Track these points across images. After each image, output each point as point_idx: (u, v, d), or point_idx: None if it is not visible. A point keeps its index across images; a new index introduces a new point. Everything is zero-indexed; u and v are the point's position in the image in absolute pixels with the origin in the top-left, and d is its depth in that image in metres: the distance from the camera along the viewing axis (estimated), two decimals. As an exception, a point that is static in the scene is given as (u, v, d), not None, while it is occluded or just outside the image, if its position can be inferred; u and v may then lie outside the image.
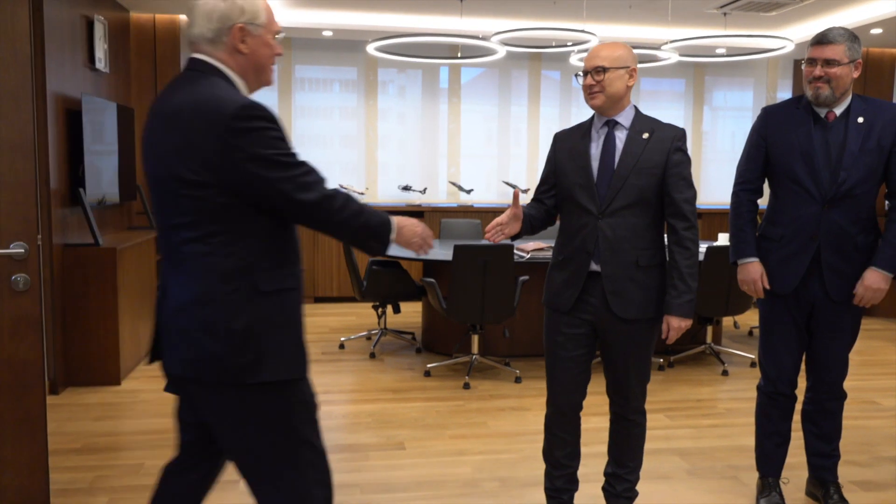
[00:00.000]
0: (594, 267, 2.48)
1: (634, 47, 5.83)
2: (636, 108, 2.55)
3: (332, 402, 4.25)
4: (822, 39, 2.68)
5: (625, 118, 2.51)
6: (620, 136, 2.50)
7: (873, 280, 2.68)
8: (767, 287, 2.82)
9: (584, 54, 5.74)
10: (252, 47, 1.75)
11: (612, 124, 2.51)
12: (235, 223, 1.67)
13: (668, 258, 2.50)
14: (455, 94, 7.64)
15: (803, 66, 2.77)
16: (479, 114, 7.74)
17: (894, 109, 2.72)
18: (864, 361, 5.34)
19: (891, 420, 4.07)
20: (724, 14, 5.97)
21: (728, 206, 2.97)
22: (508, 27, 5.44)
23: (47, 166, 4.17)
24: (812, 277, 2.74)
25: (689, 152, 2.57)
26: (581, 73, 2.50)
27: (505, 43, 5.66)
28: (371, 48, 5.66)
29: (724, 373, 4.90)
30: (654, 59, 6.08)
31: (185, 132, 1.63)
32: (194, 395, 1.78)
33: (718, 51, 6.91)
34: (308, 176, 1.69)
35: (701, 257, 4.87)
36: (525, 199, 6.91)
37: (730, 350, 5.35)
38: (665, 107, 8.01)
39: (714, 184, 8.14)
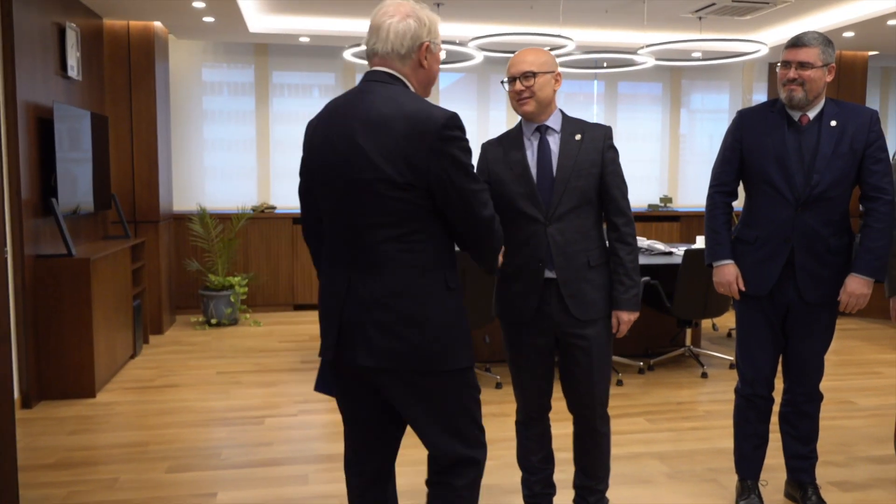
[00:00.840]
0: (549, 274, 2.48)
1: (612, 51, 5.89)
2: (562, 111, 2.56)
3: (311, 411, 4.21)
4: (796, 42, 2.70)
5: (554, 122, 2.52)
6: (554, 141, 2.51)
7: (855, 286, 2.70)
8: (743, 289, 2.84)
9: (563, 58, 5.77)
10: (430, 63, 1.94)
11: (543, 129, 2.51)
12: (431, 224, 1.87)
13: (612, 255, 2.52)
14: (434, 100, 7.63)
15: (778, 69, 2.79)
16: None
17: (866, 113, 2.74)
18: (841, 361, 5.39)
19: (868, 420, 4.11)
20: (700, 18, 6.01)
21: (705, 209, 2.99)
22: (485, 32, 5.44)
23: (18, 176, 4.10)
24: (787, 279, 2.76)
25: (665, 155, 2.59)
26: (507, 80, 2.50)
27: (482, 48, 5.66)
28: (347, 54, 5.63)
29: (704, 375, 4.92)
30: (631, 63, 6.11)
31: (396, 138, 1.79)
32: (386, 386, 1.92)
33: (694, 54, 6.96)
34: (485, 194, 1.91)
35: (678, 260, 4.88)
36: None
37: (709, 352, 5.38)
38: (643, 110, 8.06)
39: (691, 186, 8.19)
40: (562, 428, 2.73)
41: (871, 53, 7.17)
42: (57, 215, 4.34)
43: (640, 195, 8.05)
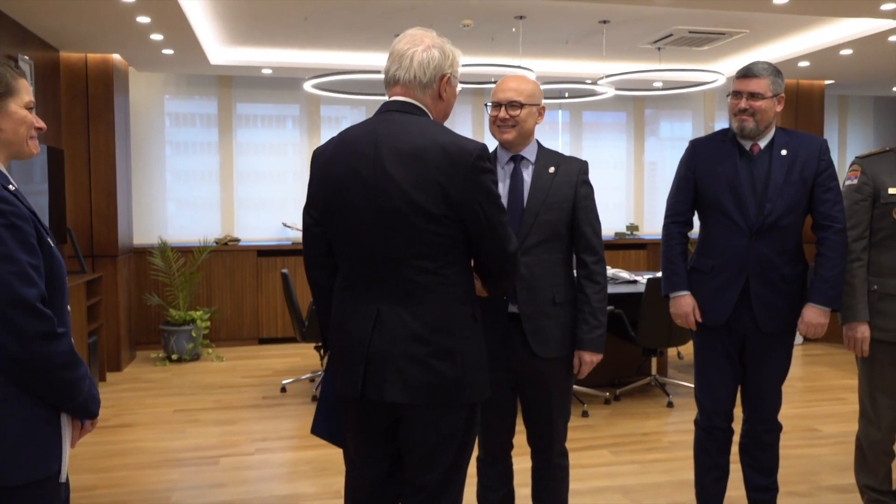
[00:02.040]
0: (512, 308, 2.43)
1: (573, 82, 5.93)
2: (539, 142, 2.53)
3: (269, 449, 4.09)
4: (746, 73, 2.72)
5: (530, 153, 2.49)
6: (527, 172, 2.47)
7: (812, 316, 2.69)
8: (699, 320, 2.81)
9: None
10: (448, 95, 1.94)
11: (517, 159, 2.48)
12: (464, 255, 1.88)
13: (579, 292, 2.47)
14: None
15: (728, 99, 2.80)
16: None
17: (816, 142, 2.76)
18: (805, 388, 5.39)
19: (832, 448, 4.09)
20: (659, 49, 6.09)
21: (661, 239, 2.97)
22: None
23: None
24: (743, 309, 2.74)
25: (630, 182, 2.58)
26: (491, 104, 2.46)
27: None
28: (307, 86, 5.61)
29: (670, 404, 4.89)
30: (592, 93, 6.16)
31: (430, 170, 1.78)
32: (411, 422, 1.87)
33: (655, 84, 7.05)
34: (509, 227, 1.91)
35: (643, 288, 4.87)
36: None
37: (675, 381, 5.36)
38: (607, 138, 8.12)
39: (658, 214, 8.24)
40: (523, 462, 2.67)
41: (827, 82, 7.32)
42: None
43: (607, 223, 7.98)
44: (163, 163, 7.09)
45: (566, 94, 6.68)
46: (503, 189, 2.46)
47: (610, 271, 5.62)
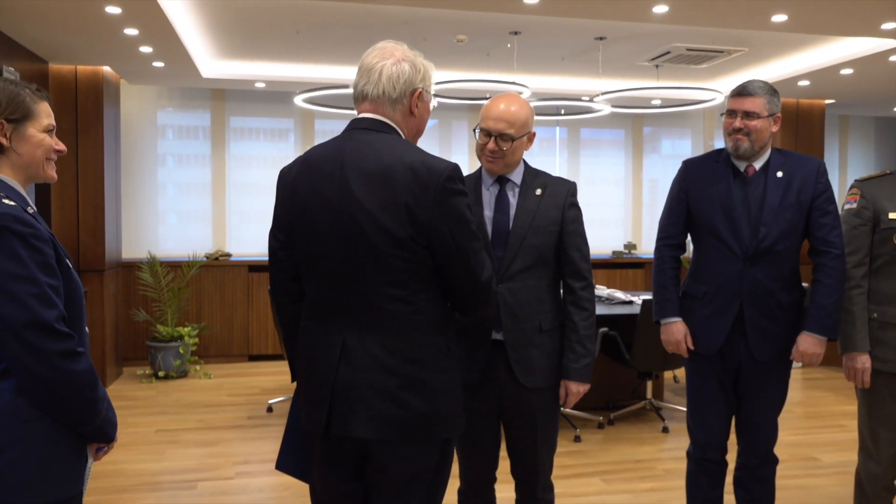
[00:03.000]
0: (496, 335, 2.31)
1: (569, 99, 5.84)
2: (525, 162, 2.42)
3: (249, 473, 3.96)
4: (741, 91, 2.63)
5: (516, 175, 2.38)
6: (513, 194, 2.36)
7: (807, 345, 2.58)
8: (692, 347, 2.70)
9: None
10: (420, 111, 1.83)
11: (503, 181, 2.37)
12: (434, 281, 1.75)
13: (566, 320, 2.36)
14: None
15: (722, 118, 2.70)
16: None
17: (813, 164, 2.65)
18: (805, 414, 5.26)
19: (832, 478, 3.96)
20: (657, 67, 6.01)
21: (653, 263, 2.86)
22: (442, 78, 5.37)
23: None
24: (737, 337, 2.63)
25: (629, 200, 2.48)
26: (480, 129, 2.33)
27: (437, 94, 5.59)
28: (298, 100, 5.52)
29: (665, 430, 4.76)
30: (589, 110, 6.08)
31: (397, 191, 1.67)
32: (378, 458, 1.76)
33: (654, 102, 6.97)
34: (483, 253, 1.79)
35: (638, 310, 4.76)
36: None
37: (671, 405, 5.22)
38: (605, 155, 8.04)
39: (653, 233, 8.14)
40: (505, 490, 2.54)
41: (827, 102, 7.23)
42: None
43: (605, 242, 7.97)
44: (154, 176, 7.01)
45: (562, 111, 6.59)
46: (488, 212, 2.35)
47: (605, 291, 5.51)
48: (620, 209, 8.07)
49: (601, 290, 5.58)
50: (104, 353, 5.84)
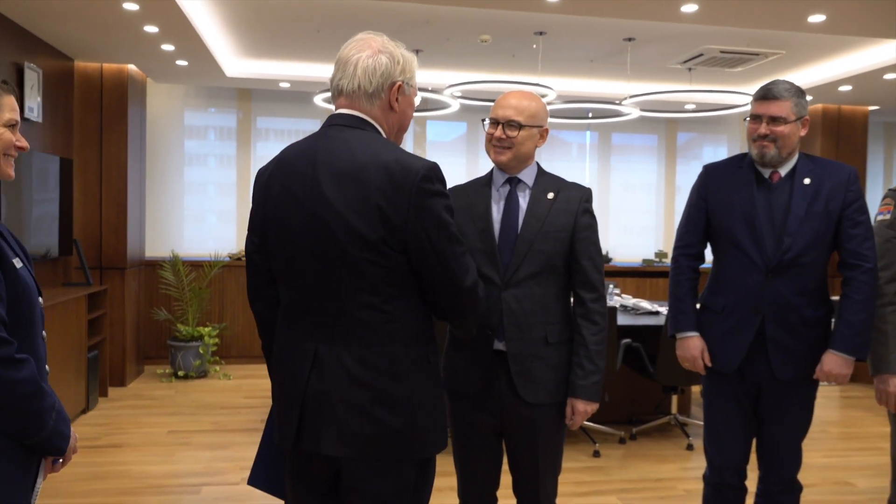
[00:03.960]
0: (498, 346, 2.18)
1: (598, 102, 5.67)
2: (539, 164, 2.29)
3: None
4: (766, 94, 2.46)
5: (528, 176, 2.24)
6: (523, 196, 2.23)
7: (832, 365, 2.40)
8: (709, 364, 2.53)
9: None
10: (402, 106, 1.72)
11: (514, 182, 2.24)
12: (410, 288, 1.64)
13: (575, 333, 2.21)
14: (420, 147, 7.44)
15: (746, 122, 2.54)
16: (448, 166, 7.52)
17: (844, 171, 2.47)
18: (840, 434, 5.00)
19: (865, 505, 3.73)
20: (689, 70, 5.81)
21: (669, 273, 2.70)
22: (463, 80, 5.26)
23: (-45, 220, 3.89)
24: (757, 354, 2.46)
25: (661, 207, 2.32)
26: (489, 120, 2.24)
27: (463, 95, 5.47)
28: (318, 99, 5.46)
29: (690, 447, 4.56)
30: (618, 113, 5.90)
31: (369, 192, 1.56)
32: (351, 477, 1.65)
33: (688, 106, 6.75)
34: (467, 257, 1.68)
35: (662, 321, 4.57)
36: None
37: (697, 421, 5.01)
38: (637, 161, 7.83)
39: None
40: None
41: (871, 108, 6.93)
42: (-2, 262, 4.10)
43: (635, 249, 7.77)
44: (180, 175, 7.01)
45: (590, 115, 6.42)
46: (496, 213, 2.23)
47: (630, 301, 5.33)
48: (652, 216, 7.85)
49: (626, 300, 5.39)
50: (124, 350, 5.84)
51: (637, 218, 7.84)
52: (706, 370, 2.56)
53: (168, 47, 5.11)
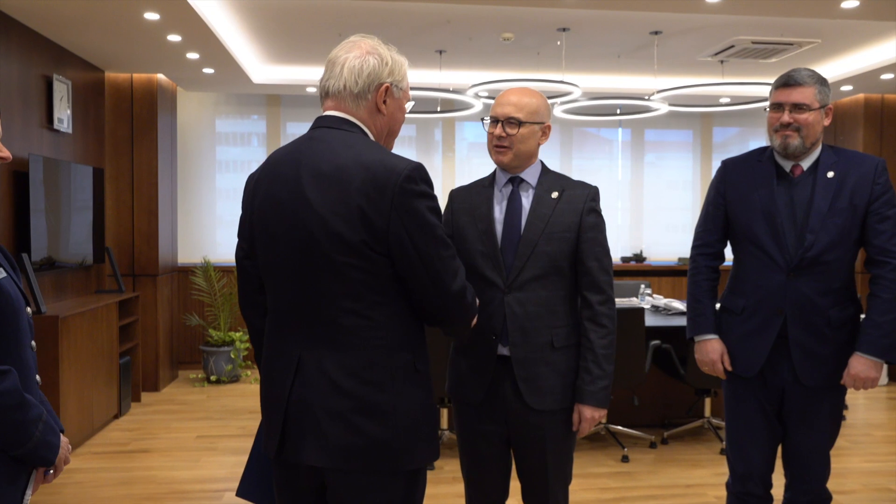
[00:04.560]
0: (502, 350, 2.12)
1: (627, 98, 5.54)
2: (543, 163, 2.22)
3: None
4: (788, 81, 2.35)
5: (531, 175, 2.18)
6: (527, 196, 2.17)
7: (860, 369, 2.27)
8: (729, 368, 2.43)
9: (568, 105, 5.47)
10: (391, 109, 1.68)
11: (517, 182, 2.18)
12: (395, 293, 1.59)
13: (582, 337, 2.13)
14: (450, 148, 7.39)
15: (767, 112, 2.42)
16: (478, 166, 7.46)
17: (871, 162, 2.34)
18: (886, 438, 4.78)
19: (908, 513, 3.55)
20: (721, 62, 5.64)
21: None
22: (486, 79, 5.19)
23: (-15, 231, 3.98)
24: (780, 357, 2.35)
25: (697, 204, 2.24)
26: (488, 119, 2.18)
27: (490, 96, 5.41)
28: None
29: (723, 452, 4.41)
30: (646, 109, 5.76)
31: (350, 193, 1.53)
32: (334, 488, 1.60)
33: (722, 100, 6.56)
34: (455, 260, 1.63)
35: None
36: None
37: (732, 424, 4.84)
38: (672, 157, 7.65)
39: (726, 239, 7.69)
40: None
41: (918, 97, 6.63)
42: (27, 271, 4.19)
43: (671, 248, 7.59)
44: (213, 182, 7.10)
45: (618, 111, 6.28)
46: (498, 214, 2.17)
47: (661, 301, 5.19)
48: (688, 214, 7.65)
49: (658, 300, 5.26)
50: (157, 356, 5.92)
51: (672, 216, 7.66)
52: (727, 374, 2.45)
53: (193, 55, 5.16)
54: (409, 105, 1.75)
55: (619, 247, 7.56)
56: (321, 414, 1.56)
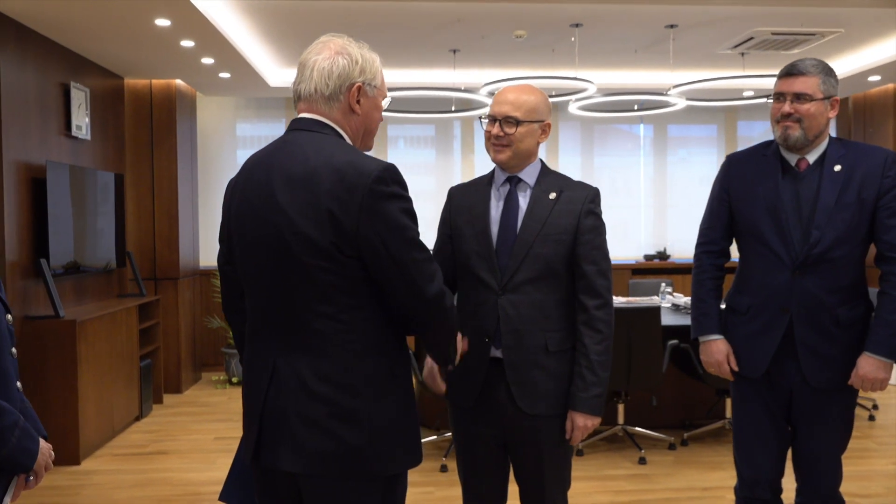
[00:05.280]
0: (495, 353, 2.08)
1: (644, 93, 5.45)
2: (542, 162, 2.17)
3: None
4: (790, 70, 2.28)
5: (529, 175, 2.13)
6: (524, 196, 2.12)
7: (868, 369, 2.19)
8: (735, 368, 2.36)
9: (584, 101, 5.39)
10: (365, 109, 1.65)
11: (514, 181, 2.13)
12: (370, 297, 1.56)
13: (577, 342, 2.08)
14: (469, 148, 7.35)
15: (770, 102, 2.36)
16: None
17: (880, 155, 2.25)
18: (916, 439, 4.63)
19: (935, 518, 3.42)
20: (742, 55, 5.52)
21: (692, 272, 2.53)
22: (501, 77, 5.15)
23: (3, 236, 4.05)
24: (786, 358, 2.27)
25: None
26: (485, 118, 2.14)
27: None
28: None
29: (744, 453, 4.30)
30: (665, 104, 5.66)
31: (320, 196, 1.50)
32: (311, 493, 1.58)
33: (746, 93, 6.41)
34: (431, 264, 1.59)
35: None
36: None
37: (755, 425, 4.73)
38: (696, 153, 7.51)
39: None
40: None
41: (951, 86, 6.41)
42: (46, 276, 4.26)
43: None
44: (233, 185, 7.15)
45: (636, 107, 6.18)
46: (495, 214, 2.13)
47: (682, 300, 5.09)
48: (713, 210, 7.50)
49: (678, 299, 5.16)
50: (179, 358, 5.98)
51: (697, 212, 7.39)
52: (733, 375, 2.38)
53: (208, 60, 5.20)
54: (385, 102, 1.72)
55: (643, 244, 7.46)
56: (295, 420, 1.54)
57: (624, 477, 3.96)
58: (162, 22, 4.24)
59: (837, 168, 2.24)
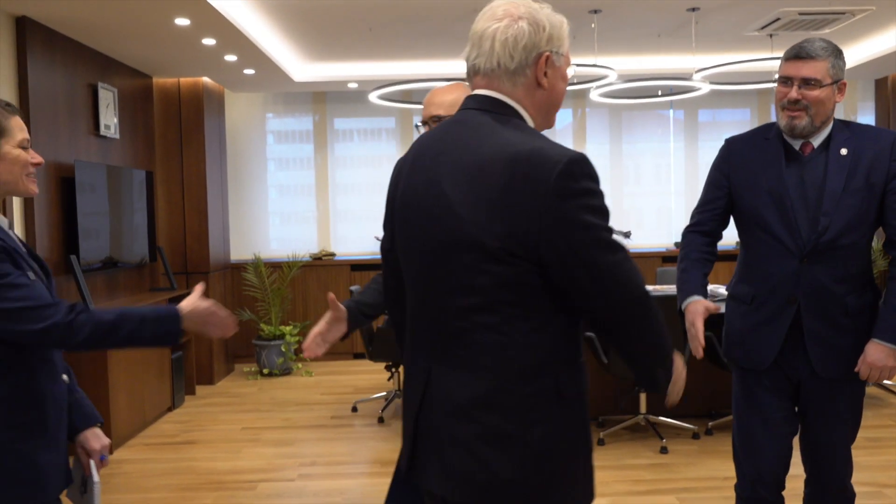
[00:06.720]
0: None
1: (668, 78, 5.36)
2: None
3: (312, 476, 3.95)
4: (798, 53, 2.20)
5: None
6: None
7: (876, 356, 2.13)
8: (702, 329, 2.24)
9: (605, 88, 5.33)
10: (552, 81, 1.42)
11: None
12: (541, 308, 1.35)
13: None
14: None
15: (775, 84, 2.30)
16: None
17: (887, 138, 2.19)
18: (952, 429, 4.49)
19: (965, 510, 3.31)
20: (770, 36, 5.38)
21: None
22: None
23: (34, 234, 4.19)
24: (794, 349, 2.22)
25: None
26: (420, 124, 2.21)
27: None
28: (373, 97, 5.49)
29: (770, 443, 4.23)
30: (690, 89, 5.55)
31: (495, 191, 1.30)
32: None
33: (776, 76, 6.26)
34: (629, 262, 1.35)
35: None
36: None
37: (783, 415, 4.64)
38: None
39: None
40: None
41: None
42: (75, 271, 4.40)
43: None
44: (264, 180, 7.27)
45: (659, 93, 6.09)
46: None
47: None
48: (746, 196, 7.35)
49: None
50: (211, 350, 6.12)
51: (730, 198, 7.38)
52: (736, 367, 2.34)
53: (231, 58, 5.28)
54: (570, 71, 1.48)
55: (674, 231, 7.35)
56: (446, 440, 1.38)
57: (644, 466, 3.93)
58: (182, 21, 4.32)
59: (844, 151, 2.18)
